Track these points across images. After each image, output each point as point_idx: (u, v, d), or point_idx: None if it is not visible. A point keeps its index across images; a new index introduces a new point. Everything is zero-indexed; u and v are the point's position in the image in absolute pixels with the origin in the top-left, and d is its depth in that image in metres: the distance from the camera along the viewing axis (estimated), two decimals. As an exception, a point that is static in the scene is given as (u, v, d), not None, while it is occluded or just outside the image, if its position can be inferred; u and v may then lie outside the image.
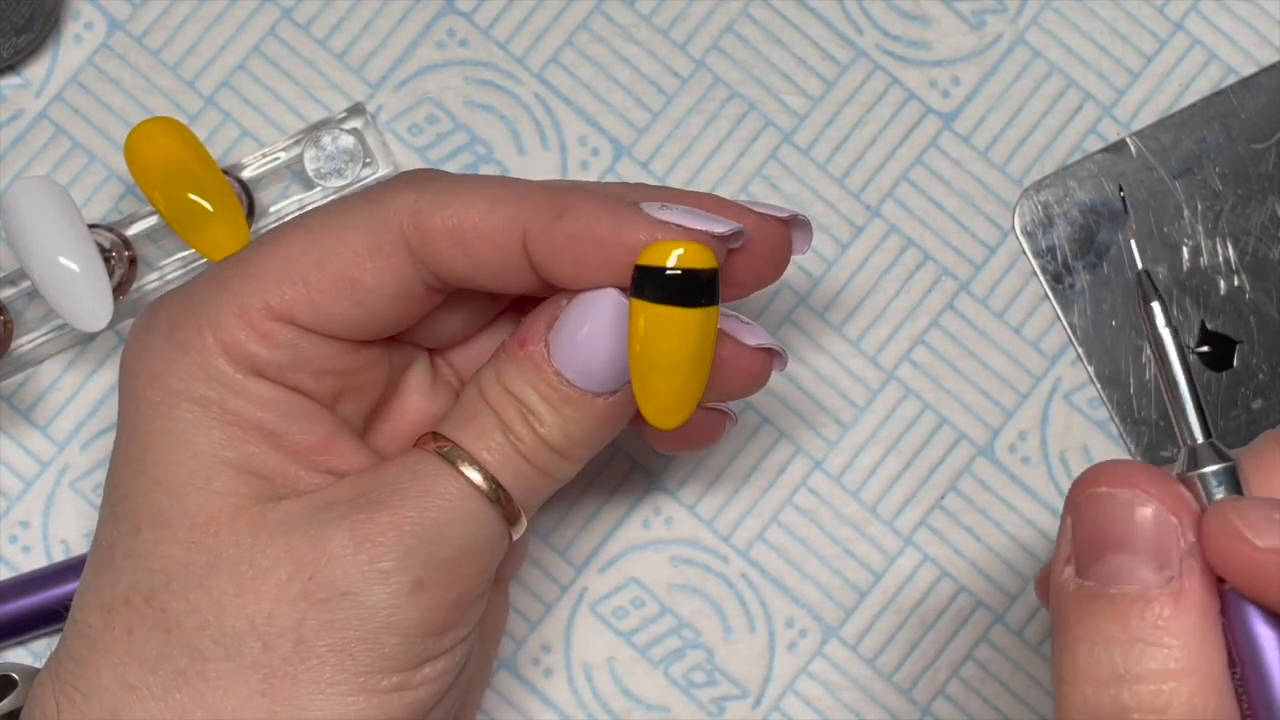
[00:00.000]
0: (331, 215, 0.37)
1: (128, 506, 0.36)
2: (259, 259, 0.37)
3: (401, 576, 0.35)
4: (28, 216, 0.42)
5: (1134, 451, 0.47)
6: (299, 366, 0.37)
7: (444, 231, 0.37)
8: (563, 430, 0.37)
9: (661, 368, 0.35)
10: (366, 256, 0.37)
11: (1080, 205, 0.47)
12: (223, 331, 0.36)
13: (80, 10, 0.48)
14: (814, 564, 0.46)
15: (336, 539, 0.35)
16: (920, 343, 0.47)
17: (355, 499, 0.36)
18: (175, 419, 0.36)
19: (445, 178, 0.38)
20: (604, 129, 0.48)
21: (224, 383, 0.36)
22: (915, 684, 0.46)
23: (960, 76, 0.48)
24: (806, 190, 0.48)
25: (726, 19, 0.48)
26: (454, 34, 0.48)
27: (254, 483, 0.36)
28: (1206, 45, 0.48)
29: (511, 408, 0.37)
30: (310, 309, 0.37)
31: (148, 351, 0.37)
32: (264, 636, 0.35)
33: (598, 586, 0.46)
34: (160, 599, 0.36)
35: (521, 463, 0.37)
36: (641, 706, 0.46)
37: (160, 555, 0.36)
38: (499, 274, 0.37)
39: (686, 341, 0.35)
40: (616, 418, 0.38)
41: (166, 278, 0.46)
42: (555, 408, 0.37)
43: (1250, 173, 0.47)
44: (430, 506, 0.36)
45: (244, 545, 0.36)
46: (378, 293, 0.37)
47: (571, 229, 0.36)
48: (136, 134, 0.43)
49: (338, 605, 0.35)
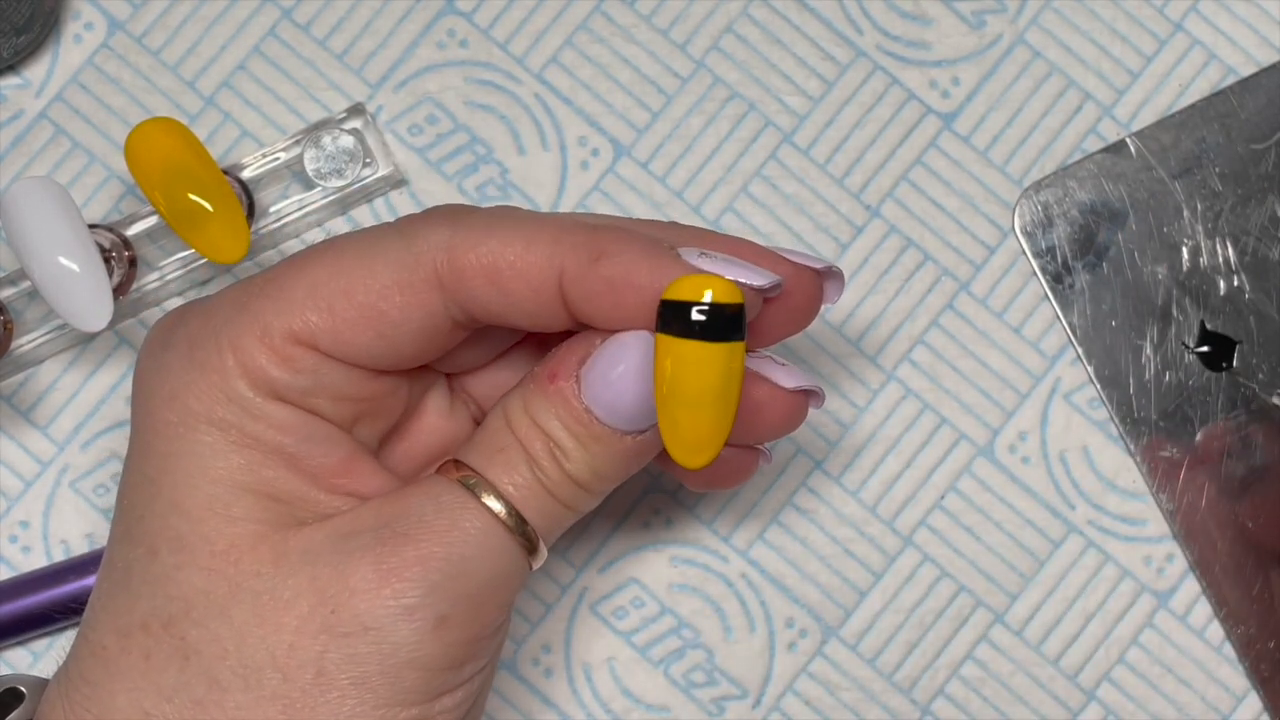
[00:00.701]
0: (362, 244, 0.37)
1: (144, 529, 0.36)
2: (284, 281, 0.37)
3: (425, 613, 0.35)
4: (28, 216, 0.42)
5: (1133, 451, 0.47)
6: (319, 392, 0.37)
7: (479, 269, 0.36)
8: (589, 466, 0.37)
9: (687, 404, 0.35)
10: (396, 290, 0.36)
11: (1080, 205, 0.47)
12: (244, 353, 0.36)
13: (80, 10, 0.48)
14: (814, 564, 0.46)
15: (360, 571, 0.35)
16: (920, 343, 0.47)
17: (379, 529, 0.36)
18: (193, 441, 0.36)
19: (480, 213, 0.37)
20: (604, 129, 0.48)
21: (243, 405, 0.36)
22: (915, 684, 0.46)
23: (960, 76, 0.48)
24: (806, 190, 0.48)
25: (726, 19, 0.48)
26: (454, 34, 0.48)
27: (273, 508, 0.36)
28: (1206, 45, 0.48)
29: (538, 442, 0.37)
30: (333, 337, 0.36)
31: (165, 369, 0.37)
32: (284, 668, 0.35)
33: (598, 586, 0.46)
34: (179, 626, 0.35)
35: (546, 497, 0.37)
36: (641, 706, 0.46)
37: (180, 582, 0.36)
38: (532, 313, 0.37)
39: (712, 377, 0.34)
40: (643, 455, 0.38)
41: (166, 278, 0.46)
42: (583, 444, 0.37)
43: (1250, 173, 0.47)
44: (455, 542, 0.36)
45: (266, 575, 0.35)
46: (403, 327, 0.37)
47: (610, 273, 0.36)
48: (136, 134, 0.43)
49: (360, 639, 0.35)
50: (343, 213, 0.47)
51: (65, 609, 0.45)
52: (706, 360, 0.34)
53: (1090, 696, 0.46)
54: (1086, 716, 0.46)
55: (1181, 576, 0.46)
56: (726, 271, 0.36)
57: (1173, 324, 0.47)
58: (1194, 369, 0.47)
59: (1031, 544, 0.47)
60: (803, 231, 0.47)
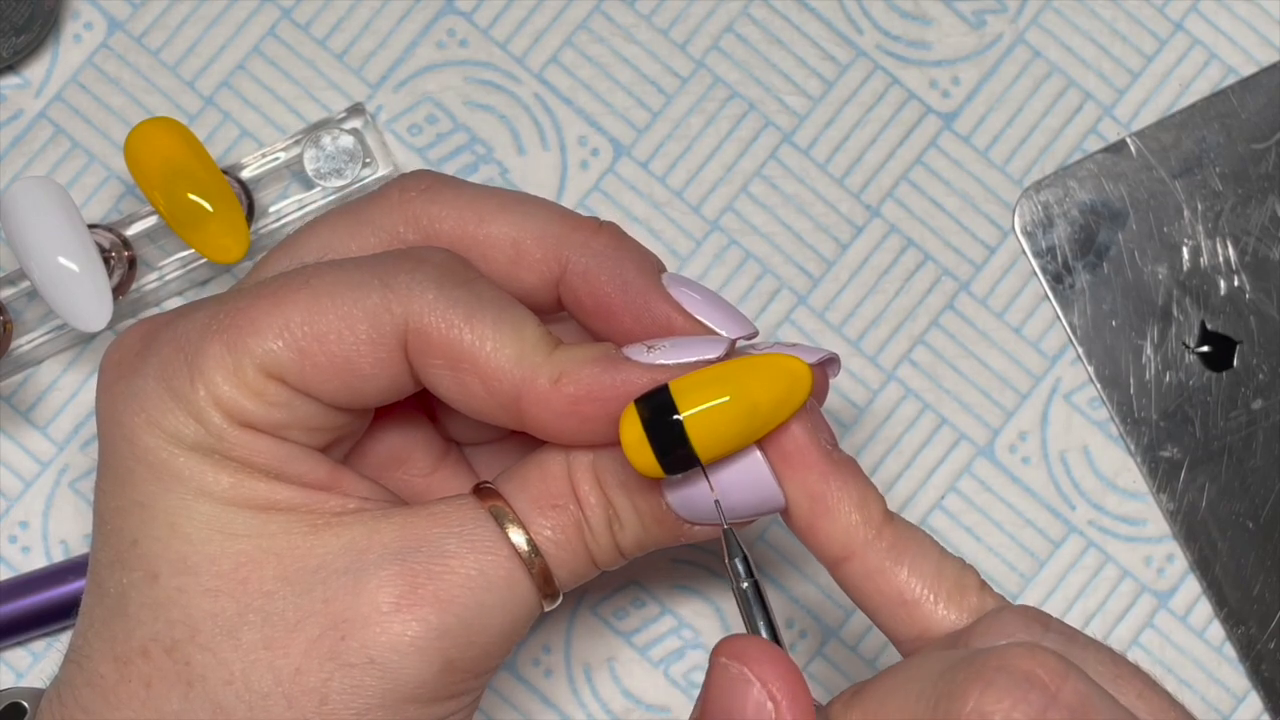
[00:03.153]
0: (340, 286, 0.36)
1: (139, 553, 0.35)
2: (256, 314, 0.36)
3: (436, 656, 0.35)
4: (28, 216, 0.42)
5: (1133, 451, 0.47)
6: (292, 425, 0.36)
7: (444, 352, 0.36)
8: (639, 541, 0.37)
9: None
10: (369, 347, 0.36)
11: (1080, 205, 0.47)
12: (215, 387, 0.35)
13: (80, 10, 0.48)
14: (814, 564, 0.46)
15: (375, 599, 0.35)
16: (920, 343, 0.47)
17: (399, 552, 0.35)
18: (179, 465, 0.35)
19: (466, 285, 0.36)
20: (604, 129, 0.48)
21: (220, 435, 0.35)
22: (915, 684, 0.46)
23: (960, 76, 0.48)
24: (806, 190, 0.48)
25: (726, 19, 0.48)
26: (454, 34, 0.48)
27: (277, 519, 0.36)
28: (1206, 45, 0.48)
29: (600, 508, 0.36)
30: (302, 377, 0.36)
31: (140, 394, 0.36)
32: (289, 695, 0.34)
33: (598, 586, 0.46)
34: (184, 651, 0.35)
35: (585, 558, 0.37)
36: (641, 706, 0.46)
37: (183, 605, 0.35)
38: (478, 410, 0.36)
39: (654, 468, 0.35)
40: (693, 540, 0.38)
41: (166, 278, 0.46)
42: (644, 521, 0.37)
43: (1250, 173, 0.47)
44: (479, 588, 0.35)
45: (276, 595, 0.35)
46: (373, 381, 0.36)
47: (573, 393, 0.35)
48: (136, 134, 0.43)
49: (365, 671, 0.35)
50: (343, 213, 0.47)
51: (65, 609, 0.45)
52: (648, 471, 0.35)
53: (1090, 697, 0.46)
54: (1087, 717, 0.46)
55: (1182, 577, 0.46)
56: (677, 359, 0.36)
57: (1173, 324, 0.47)
58: (1194, 369, 0.47)
59: (1031, 544, 0.47)
60: (803, 231, 0.47)
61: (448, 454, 0.41)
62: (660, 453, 0.34)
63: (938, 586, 0.36)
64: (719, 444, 0.35)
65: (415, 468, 0.40)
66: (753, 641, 0.33)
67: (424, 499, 0.39)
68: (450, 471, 0.41)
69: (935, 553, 0.36)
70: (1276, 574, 0.46)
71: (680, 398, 0.34)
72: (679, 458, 0.34)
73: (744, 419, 0.35)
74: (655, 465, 0.34)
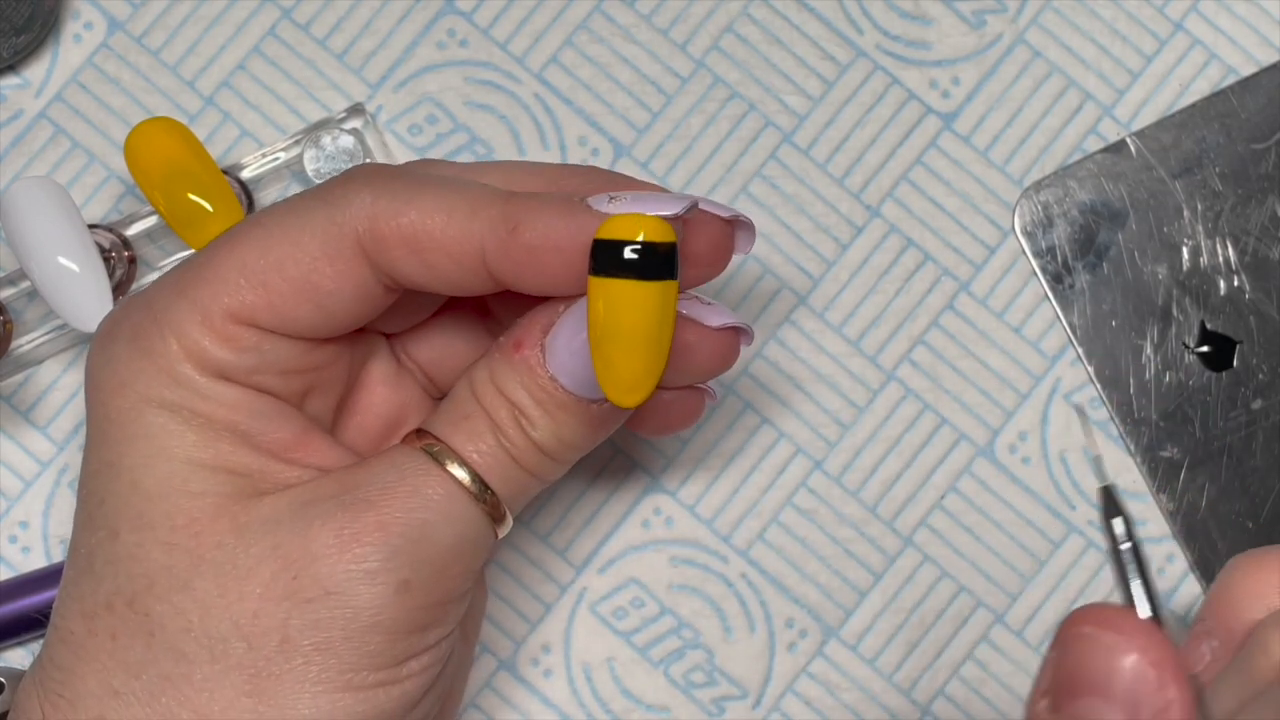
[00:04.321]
0: (287, 216, 0.37)
1: (104, 511, 0.36)
2: (216, 264, 0.37)
3: (388, 577, 0.35)
4: (28, 216, 0.42)
5: (1133, 451, 0.47)
6: (264, 368, 0.37)
7: (400, 240, 0.36)
8: (554, 434, 0.37)
9: (621, 343, 0.35)
10: (325, 261, 0.36)
11: (1080, 205, 0.47)
12: (186, 338, 0.36)
13: (80, 10, 0.48)
14: (814, 564, 0.46)
15: (322, 537, 0.35)
16: (920, 343, 0.47)
17: (341, 495, 0.36)
18: (147, 424, 0.36)
19: (403, 178, 0.37)
20: (604, 129, 0.48)
21: (191, 388, 0.36)
22: (915, 684, 0.46)
23: (960, 76, 0.48)
24: (806, 190, 0.48)
25: (726, 19, 0.48)
26: (454, 34, 0.48)
27: (233, 480, 0.36)
28: (1206, 45, 0.48)
29: (504, 409, 0.37)
30: (271, 312, 0.36)
31: (113, 360, 0.37)
32: (248, 637, 0.35)
33: (598, 586, 0.46)
34: (143, 603, 0.36)
35: (511, 464, 0.37)
36: (641, 706, 0.46)
37: (141, 559, 0.36)
38: (455, 283, 0.37)
39: (646, 316, 0.34)
40: (609, 423, 0.38)
41: (166, 278, 0.46)
42: (548, 412, 0.37)
43: (1250, 173, 0.47)
44: (418, 507, 0.36)
45: (227, 546, 0.36)
46: (337, 295, 0.37)
47: (529, 241, 0.36)
48: (136, 134, 0.43)
49: (322, 604, 0.35)
50: (343, 213, 0.47)
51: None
52: (640, 299, 0.34)
53: (1090, 696, 0.46)
54: (1086, 716, 0.46)
55: (1182, 577, 0.46)
56: (637, 208, 0.36)
57: (1173, 324, 0.47)
58: (1194, 369, 0.47)
59: (1031, 544, 0.47)
60: (803, 231, 0.47)
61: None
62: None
63: None
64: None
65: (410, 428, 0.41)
66: (1121, 612, 0.32)
67: None
68: None
69: None
70: (1276, 574, 0.46)
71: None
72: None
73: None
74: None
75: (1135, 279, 0.47)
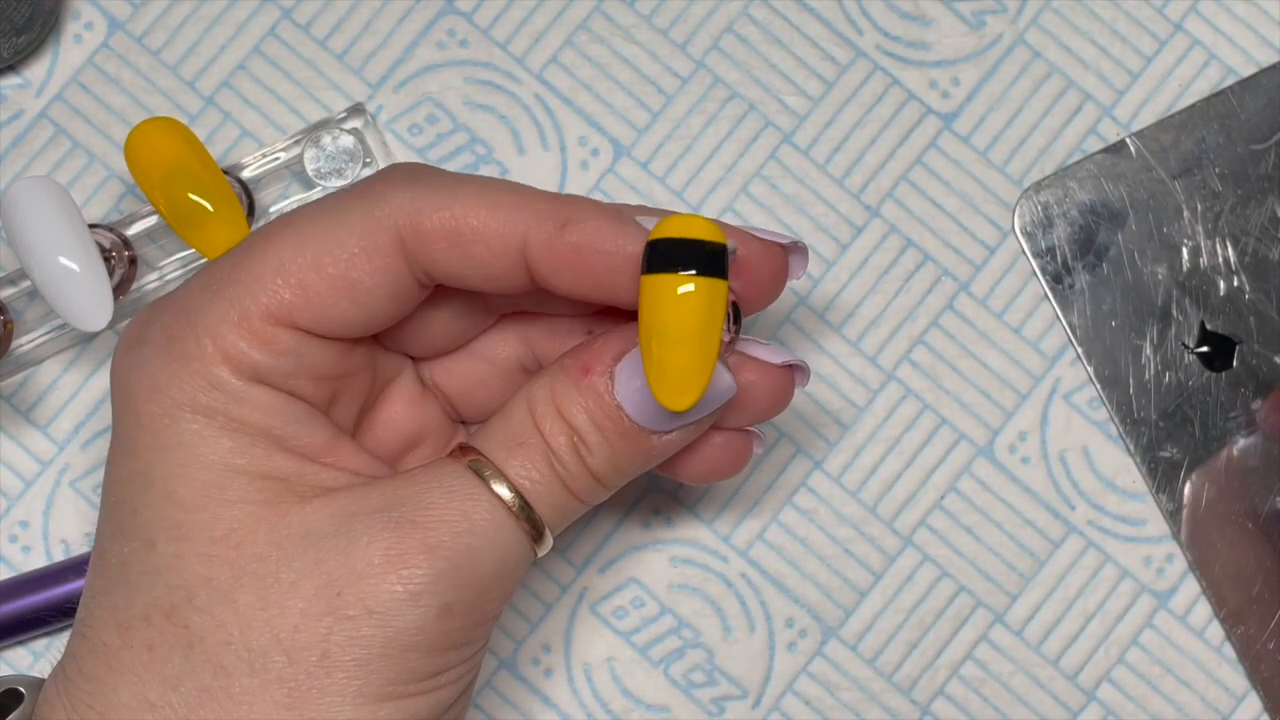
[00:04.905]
0: (324, 213, 0.37)
1: (138, 522, 0.36)
2: (252, 263, 0.37)
3: (431, 600, 0.35)
4: (28, 216, 0.42)
5: (1133, 451, 0.47)
6: (300, 372, 0.37)
7: (442, 232, 0.36)
8: (610, 462, 0.37)
9: (671, 340, 0.35)
10: (364, 257, 0.36)
11: (1080, 205, 0.47)
12: (223, 340, 0.36)
13: (80, 10, 0.48)
14: (814, 564, 0.46)
15: (368, 555, 0.35)
16: (920, 343, 0.47)
17: (387, 510, 0.36)
18: (181, 431, 0.36)
19: (442, 176, 0.37)
20: (604, 129, 0.48)
21: (227, 391, 0.36)
22: (915, 684, 0.46)
23: (960, 77, 0.48)
24: (806, 190, 0.48)
25: (726, 19, 0.48)
26: (454, 34, 0.48)
27: (270, 486, 0.36)
28: (1206, 46, 0.48)
29: (563, 436, 0.37)
30: (309, 311, 0.36)
31: (144, 364, 0.37)
32: (289, 650, 0.35)
33: (598, 586, 0.46)
34: (182, 615, 0.35)
35: (561, 490, 0.37)
36: (641, 706, 0.46)
37: (180, 570, 0.35)
38: (494, 278, 0.37)
39: (696, 312, 0.35)
40: (664, 454, 0.38)
41: (166, 278, 0.46)
42: (608, 440, 0.37)
43: (1250, 173, 0.47)
44: (465, 531, 0.36)
45: (269, 559, 0.35)
46: (375, 292, 0.37)
47: (576, 240, 0.36)
48: (136, 134, 0.43)
49: (364, 622, 0.35)
50: (343, 213, 0.47)
51: (65, 609, 0.45)
52: (689, 295, 0.35)
53: (1090, 697, 0.46)
54: (1086, 717, 0.46)
55: (1181, 577, 0.46)
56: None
57: (1173, 324, 0.47)
58: (1194, 369, 0.47)
59: (1031, 544, 0.47)
60: (803, 231, 0.47)
61: (457, 435, 0.42)
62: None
63: None
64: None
65: (428, 448, 0.41)
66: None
67: None
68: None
69: None
70: (1276, 574, 0.46)
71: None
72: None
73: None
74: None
75: (1135, 279, 0.47)
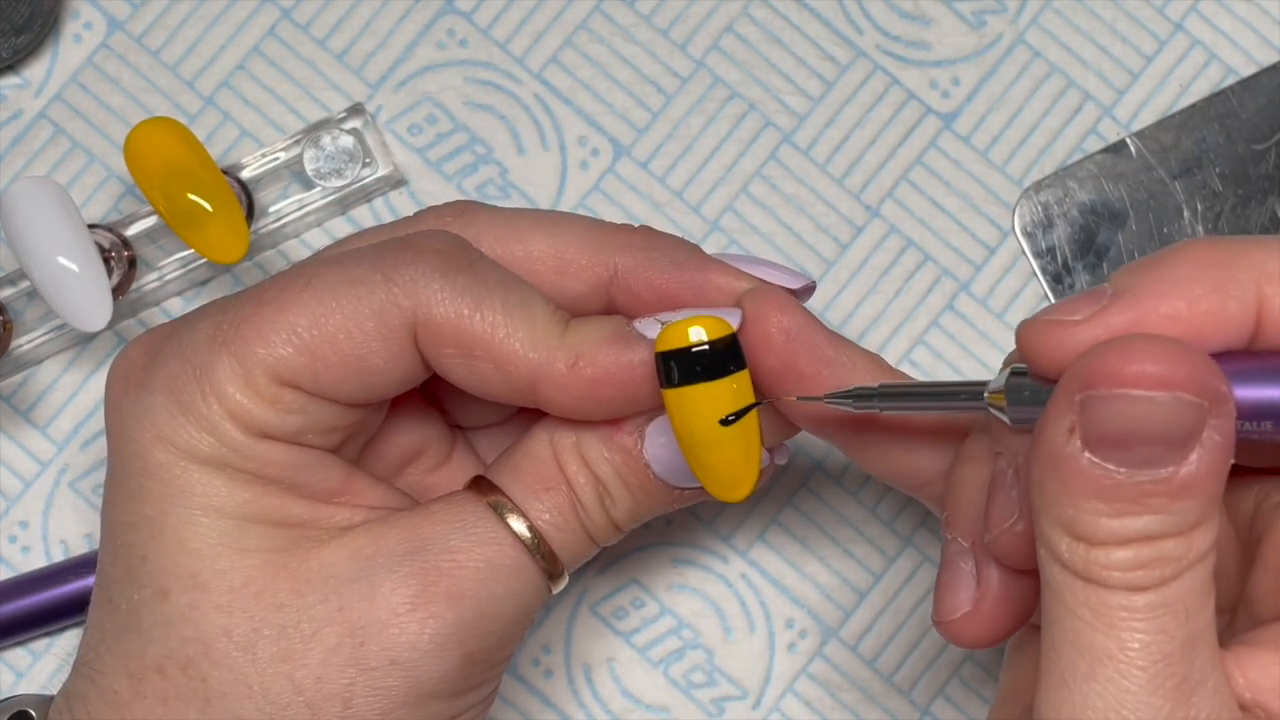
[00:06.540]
0: (346, 286, 0.36)
1: (149, 569, 0.35)
2: (261, 321, 0.36)
3: (455, 649, 0.35)
4: (28, 216, 0.42)
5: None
6: (309, 428, 0.36)
7: (455, 342, 0.36)
8: (632, 512, 0.37)
9: (709, 446, 0.35)
10: (380, 344, 0.36)
11: (1080, 205, 0.47)
12: (228, 400, 0.35)
13: (80, 10, 0.48)
14: (814, 564, 0.46)
15: (390, 603, 0.35)
16: (920, 343, 0.47)
17: (407, 554, 0.35)
18: (191, 480, 0.35)
19: (467, 270, 0.36)
20: (604, 129, 0.48)
21: (234, 447, 0.35)
22: (915, 684, 0.46)
23: (960, 77, 0.48)
24: (806, 190, 0.48)
25: (726, 19, 0.48)
26: (454, 34, 0.48)
27: (285, 534, 0.36)
28: (1206, 46, 0.48)
29: (590, 486, 0.37)
30: (315, 380, 0.36)
31: (148, 410, 0.36)
32: (311, 702, 0.35)
33: (598, 586, 0.46)
34: (199, 668, 0.35)
35: (581, 535, 0.37)
36: (641, 706, 0.46)
37: (196, 621, 0.35)
38: (493, 393, 0.37)
39: (725, 412, 0.35)
40: (686, 504, 0.38)
41: (166, 278, 0.46)
42: (633, 493, 0.37)
43: (1250, 173, 0.47)
44: (488, 577, 0.36)
45: (289, 608, 0.35)
46: (386, 374, 0.36)
47: (590, 376, 0.36)
48: (136, 134, 0.43)
49: (387, 673, 0.35)
50: (342, 212, 0.47)
51: (65, 609, 0.45)
52: (713, 399, 0.35)
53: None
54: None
55: (1181, 577, 0.46)
56: (688, 312, 0.36)
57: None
58: (1194, 369, 0.47)
59: (1031, 544, 0.47)
60: (803, 231, 0.47)
61: (457, 444, 0.41)
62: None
63: None
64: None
65: (428, 460, 0.41)
66: (1146, 352, 0.29)
67: (436, 493, 0.39)
68: (459, 462, 0.41)
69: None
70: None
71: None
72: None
73: None
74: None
75: (1135, 279, 0.47)
